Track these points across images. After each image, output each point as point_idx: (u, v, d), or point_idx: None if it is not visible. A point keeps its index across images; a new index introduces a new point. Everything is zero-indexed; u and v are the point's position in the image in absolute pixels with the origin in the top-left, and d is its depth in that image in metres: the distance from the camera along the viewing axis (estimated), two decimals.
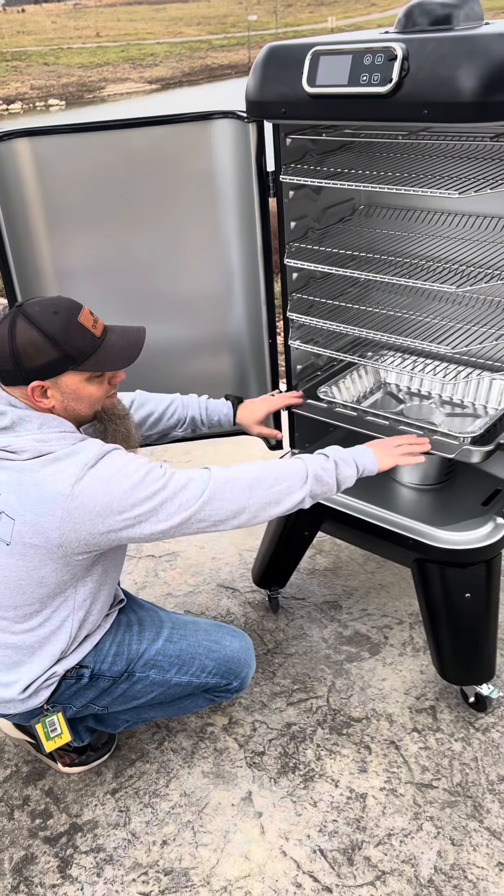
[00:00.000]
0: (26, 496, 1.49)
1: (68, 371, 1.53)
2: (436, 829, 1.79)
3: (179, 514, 1.54)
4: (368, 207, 2.29)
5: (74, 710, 1.75)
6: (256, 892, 1.68)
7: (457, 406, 2.17)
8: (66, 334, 1.50)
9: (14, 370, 1.51)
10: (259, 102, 1.72)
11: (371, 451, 1.76)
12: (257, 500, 1.60)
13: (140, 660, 1.75)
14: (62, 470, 1.49)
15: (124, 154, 2.00)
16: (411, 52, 1.46)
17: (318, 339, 2.21)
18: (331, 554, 2.75)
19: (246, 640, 1.86)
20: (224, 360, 2.31)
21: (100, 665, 1.72)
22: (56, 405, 1.57)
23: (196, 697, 1.85)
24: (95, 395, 1.60)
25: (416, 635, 2.36)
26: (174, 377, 2.29)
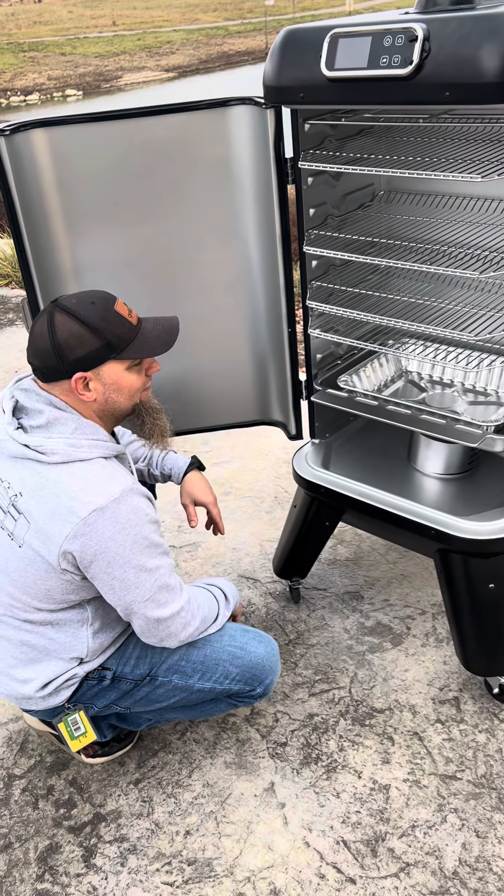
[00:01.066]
0: (44, 503, 1.49)
1: (109, 360, 1.54)
2: (460, 821, 1.78)
3: (150, 609, 1.57)
4: (388, 193, 2.26)
5: (96, 709, 1.75)
6: (280, 883, 1.68)
7: (480, 394, 2.14)
8: (106, 323, 1.52)
9: (57, 364, 1.51)
10: (277, 88, 1.69)
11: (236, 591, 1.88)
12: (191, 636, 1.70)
13: (163, 664, 1.74)
14: (86, 491, 1.48)
15: (141, 143, 1.98)
16: (432, 32, 1.42)
17: (338, 328, 2.19)
18: (352, 544, 2.73)
19: (272, 645, 1.83)
20: (243, 350, 2.30)
21: (122, 668, 1.72)
22: (98, 398, 1.57)
23: (218, 702, 1.84)
24: (135, 386, 1.61)
25: (438, 626, 2.34)
26: (192, 368, 2.27)
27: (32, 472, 1.51)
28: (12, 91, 28.26)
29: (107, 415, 1.62)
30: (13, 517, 1.53)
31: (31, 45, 35.53)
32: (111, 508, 1.48)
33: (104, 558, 1.49)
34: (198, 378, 2.31)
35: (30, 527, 1.51)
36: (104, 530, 1.47)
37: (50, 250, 2.05)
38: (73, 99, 24.37)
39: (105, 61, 30.84)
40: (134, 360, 1.59)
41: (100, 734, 1.92)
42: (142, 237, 2.08)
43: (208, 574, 2.64)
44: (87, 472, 1.50)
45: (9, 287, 5.94)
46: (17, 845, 1.81)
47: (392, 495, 2.02)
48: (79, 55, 32.44)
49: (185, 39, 36.37)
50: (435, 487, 2.07)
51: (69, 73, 28.37)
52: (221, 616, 1.77)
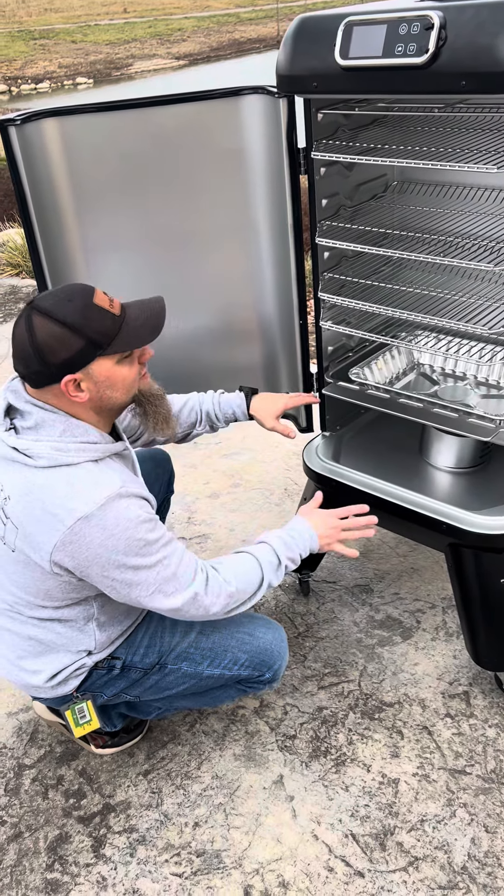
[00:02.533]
0: (31, 509, 1.45)
1: (97, 358, 1.47)
2: (469, 816, 1.78)
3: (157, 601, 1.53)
4: (402, 184, 2.24)
5: (105, 698, 1.76)
6: (288, 876, 1.68)
7: (493, 387, 2.12)
8: (86, 319, 1.44)
9: (42, 369, 1.44)
10: (290, 77, 1.67)
11: (314, 533, 1.74)
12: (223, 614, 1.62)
13: (172, 652, 1.74)
14: (72, 498, 1.43)
15: (152, 133, 1.96)
16: (448, 20, 1.40)
17: (350, 320, 2.17)
18: (362, 537, 2.72)
19: (279, 631, 1.83)
20: (253, 342, 2.29)
21: (131, 657, 1.72)
22: (91, 396, 1.50)
23: (228, 689, 1.84)
24: (129, 378, 1.54)
25: (449, 620, 2.33)
26: (203, 359, 2.27)
27: (20, 476, 1.47)
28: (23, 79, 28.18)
29: (104, 411, 1.56)
30: (3, 521, 1.51)
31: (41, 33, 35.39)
32: (97, 516, 1.43)
33: (97, 563, 1.46)
34: (208, 369, 2.30)
35: (18, 532, 1.48)
36: (92, 538, 1.44)
37: (61, 240, 2.04)
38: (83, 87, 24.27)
39: (116, 49, 30.70)
40: (123, 353, 1.51)
41: (110, 724, 1.92)
42: (153, 228, 2.07)
43: None
44: (73, 478, 1.45)
45: (19, 277, 5.94)
46: (27, 835, 1.82)
47: (403, 489, 2.01)
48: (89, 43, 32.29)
49: (196, 27, 36.12)
50: (446, 481, 2.06)
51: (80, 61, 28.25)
52: (264, 585, 1.65)
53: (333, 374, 2.19)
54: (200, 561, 1.61)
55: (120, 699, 1.79)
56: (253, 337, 2.28)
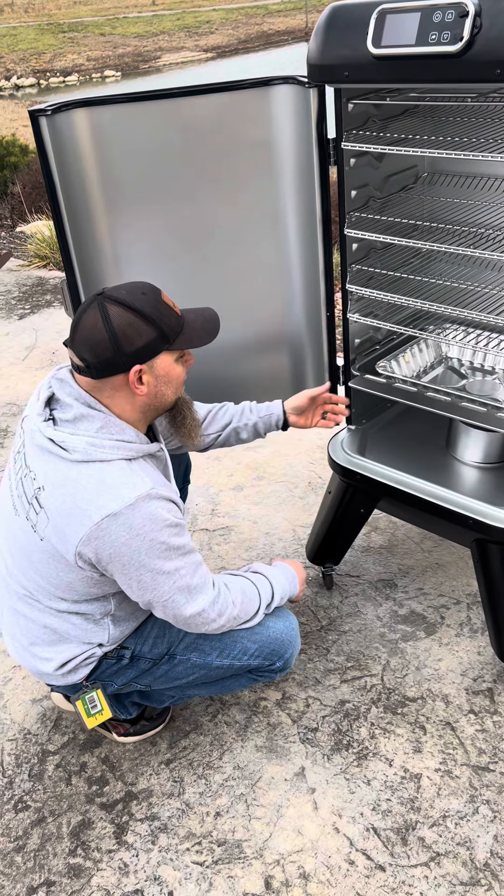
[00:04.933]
0: (62, 502, 1.48)
1: (162, 352, 1.52)
2: (492, 813, 1.76)
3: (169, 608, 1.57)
4: (432, 175, 2.21)
5: (115, 687, 1.77)
6: (309, 868, 1.68)
7: None
8: (159, 312, 1.50)
9: (114, 356, 1.47)
10: (321, 66, 1.66)
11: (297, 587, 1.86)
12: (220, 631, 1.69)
13: (181, 643, 1.75)
14: (102, 495, 1.46)
15: (182, 123, 1.96)
16: (484, 7, 1.38)
17: (378, 312, 2.15)
18: (386, 531, 2.71)
19: (290, 619, 1.83)
20: (280, 334, 2.28)
21: (140, 647, 1.73)
22: (149, 391, 1.54)
23: (239, 677, 1.85)
24: (181, 378, 1.60)
25: (473, 616, 2.31)
26: (229, 351, 2.26)
27: (55, 468, 1.50)
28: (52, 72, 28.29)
29: (151, 409, 1.59)
30: (35, 510, 1.53)
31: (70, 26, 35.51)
32: (125, 514, 1.45)
33: (119, 561, 1.49)
34: (235, 362, 2.29)
35: (49, 522, 1.51)
36: (117, 536, 1.46)
37: (90, 232, 2.04)
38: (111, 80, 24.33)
39: (144, 42, 30.72)
40: (181, 353, 1.57)
41: (125, 711, 1.94)
42: (181, 219, 2.07)
43: (241, 558, 2.64)
44: (104, 475, 1.47)
45: (47, 269, 5.98)
46: (50, 820, 1.84)
47: (429, 483, 1.99)
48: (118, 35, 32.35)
49: (224, 19, 36.02)
50: (473, 476, 2.04)
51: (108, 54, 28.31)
52: (259, 615, 1.74)
53: (360, 366, 2.18)
54: (214, 576, 1.66)
55: (131, 688, 1.81)
56: (280, 328, 2.27)
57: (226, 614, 1.65)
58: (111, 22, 36.76)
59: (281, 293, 2.21)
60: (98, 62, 26.84)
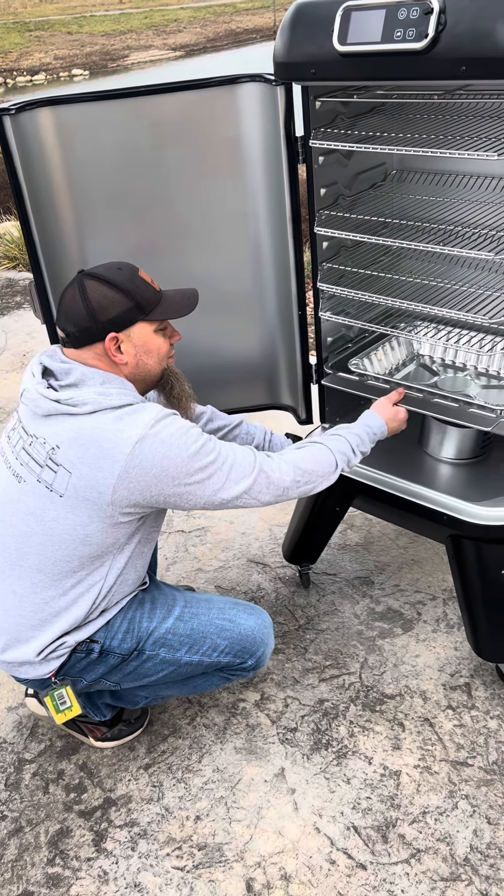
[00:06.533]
0: (85, 451, 1.53)
1: (139, 322, 1.61)
2: (471, 808, 1.77)
3: (229, 490, 1.61)
4: (401, 172, 2.22)
5: (85, 683, 1.76)
6: (290, 868, 1.68)
7: (493, 378, 2.10)
8: (134, 285, 1.60)
9: (91, 326, 1.57)
10: (287, 64, 1.65)
11: (383, 422, 1.87)
12: (295, 488, 1.70)
13: (150, 638, 1.74)
14: (123, 429, 1.52)
15: (149, 121, 1.94)
16: (448, 4, 1.38)
17: (349, 310, 2.15)
18: (362, 529, 2.71)
19: (263, 617, 1.83)
20: (252, 333, 2.27)
21: (110, 641, 1.72)
22: (130, 361, 1.63)
23: (211, 676, 1.85)
24: (163, 349, 1.68)
25: (449, 611, 2.32)
26: (201, 351, 2.25)
27: (66, 426, 1.55)
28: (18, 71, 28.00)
29: (138, 379, 1.67)
30: (52, 469, 1.57)
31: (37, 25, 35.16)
32: (151, 435, 1.52)
33: (167, 475, 1.53)
34: (207, 362, 2.28)
35: (71, 476, 1.54)
36: (154, 454, 1.52)
37: (57, 232, 2.02)
38: (79, 79, 24.14)
39: (112, 40, 30.51)
40: (160, 324, 1.66)
41: (98, 713, 1.93)
42: (149, 217, 2.05)
43: (217, 559, 2.63)
44: (119, 415, 1.55)
45: (16, 270, 5.91)
46: (27, 829, 1.81)
47: (403, 480, 1.99)
48: (85, 34, 32.09)
49: (192, 17, 35.89)
50: (447, 472, 2.05)
51: (75, 53, 28.07)
52: (339, 468, 1.76)
53: (333, 364, 2.18)
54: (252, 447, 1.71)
55: (101, 686, 1.79)
56: (252, 328, 2.26)
57: (288, 468, 1.67)
58: (78, 20, 36.44)
59: (252, 292, 2.20)
60: (66, 61, 26.60)
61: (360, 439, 1.81)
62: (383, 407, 1.90)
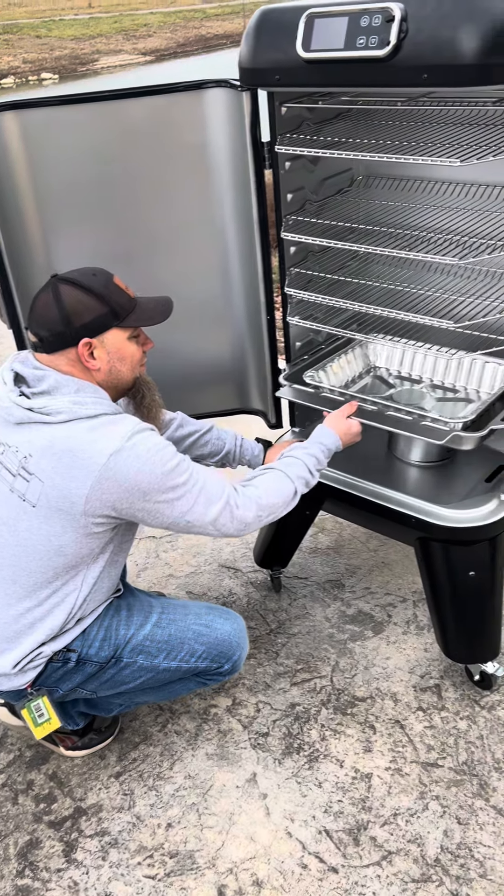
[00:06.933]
0: (58, 461, 1.51)
1: (112, 328, 1.59)
2: (442, 809, 1.78)
3: (196, 514, 1.60)
4: (367, 178, 2.23)
5: (61, 693, 1.74)
6: (262, 874, 1.68)
7: (449, 390, 2.12)
8: (109, 291, 1.59)
9: (64, 330, 1.55)
10: (252, 70, 1.66)
11: (337, 437, 1.87)
12: (257, 522, 1.70)
13: (128, 645, 1.73)
14: (98, 440, 1.51)
15: (115, 126, 1.94)
16: (410, 12, 1.40)
17: (317, 315, 2.16)
18: (333, 532, 2.72)
19: (238, 622, 1.84)
20: (222, 338, 2.27)
21: (87, 650, 1.70)
22: (102, 367, 1.61)
23: (187, 681, 1.84)
24: (136, 357, 1.67)
25: (419, 613, 2.34)
26: (170, 356, 2.24)
27: (39, 434, 1.54)
28: None
29: (111, 386, 1.65)
30: (25, 479, 1.56)
31: (5, 28, 34.90)
32: (126, 448, 1.51)
33: (139, 490, 1.52)
34: (176, 367, 2.27)
35: (44, 485, 1.53)
36: (129, 468, 1.50)
37: (23, 237, 2.00)
38: (49, 82, 23.99)
39: (81, 44, 30.37)
40: (134, 331, 1.64)
41: (71, 722, 1.91)
42: (117, 222, 2.04)
43: (188, 564, 2.63)
44: (93, 425, 1.53)
45: None
46: None
47: (372, 484, 2.01)
48: (54, 38, 31.91)
49: (162, 22, 35.87)
50: (415, 476, 2.06)
51: (44, 57, 27.88)
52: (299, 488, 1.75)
53: (288, 376, 2.15)
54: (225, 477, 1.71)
55: (77, 695, 1.77)
56: (221, 333, 2.26)
57: (254, 504, 1.67)
58: (47, 24, 36.23)
59: (221, 296, 2.20)
60: (34, 64, 26.41)
61: (317, 459, 1.80)
62: (336, 421, 1.89)
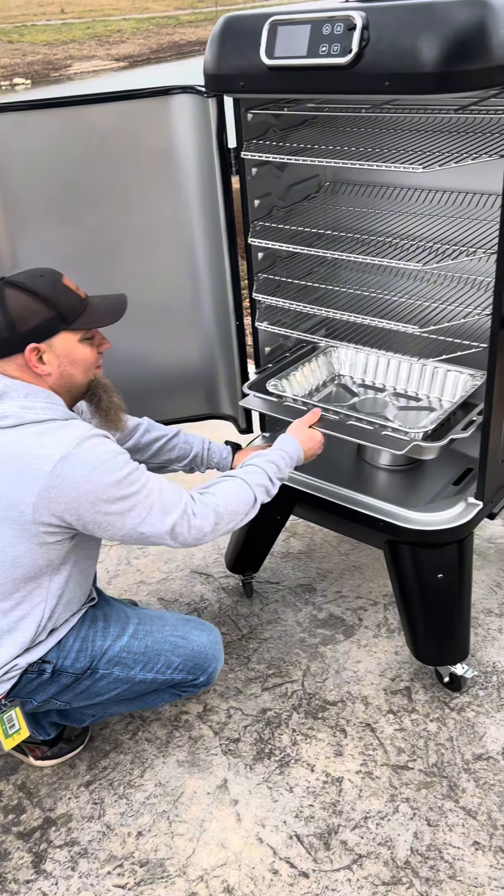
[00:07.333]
0: (4, 466, 1.48)
1: (61, 331, 1.55)
2: (412, 811, 1.79)
3: (151, 525, 1.56)
4: (334, 184, 2.25)
5: (35, 704, 1.72)
6: (233, 881, 1.67)
7: (412, 399, 2.13)
8: (56, 294, 1.54)
9: (10, 336, 1.52)
10: (217, 76, 1.67)
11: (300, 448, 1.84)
12: (215, 533, 1.66)
13: (104, 657, 1.71)
14: (46, 445, 1.47)
15: (82, 132, 1.93)
16: (371, 21, 1.41)
17: (286, 320, 2.17)
18: (304, 537, 2.73)
19: (214, 633, 1.83)
20: (191, 344, 2.27)
21: (62, 661, 1.68)
22: (53, 371, 1.57)
23: (161, 693, 1.83)
24: (89, 359, 1.62)
25: (390, 616, 2.35)
26: (139, 362, 2.24)
27: None
28: None
29: (64, 390, 1.61)
30: None
31: None
32: (75, 454, 1.47)
33: (88, 500, 1.48)
34: (145, 373, 2.27)
35: None
36: (76, 476, 1.46)
37: None
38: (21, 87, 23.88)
39: (54, 49, 30.27)
40: (86, 333, 1.60)
41: (42, 732, 1.89)
42: (84, 228, 2.04)
43: (160, 570, 2.62)
44: (42, 430, 1.49)
45: None
46: None
47: (341, 488, 2.01)
48: (27, 43, 31.77)
49: (135, 29, 35.87)
50: (384, 479, 2.08)
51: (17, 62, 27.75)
52: (258, 503, 1.72)
53: (252, 384, 2.14)
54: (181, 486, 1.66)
55: (51, 706, 1.75)
56: (190, 338, 2.26)
57: (212, 512, 1.63)
58: (19, 29, 36.06)
59: (190, 302, 2.20)
60: (7, 69, 26.27)
61: (278, 467, 1.77)
62: (299, 430, 1.87)
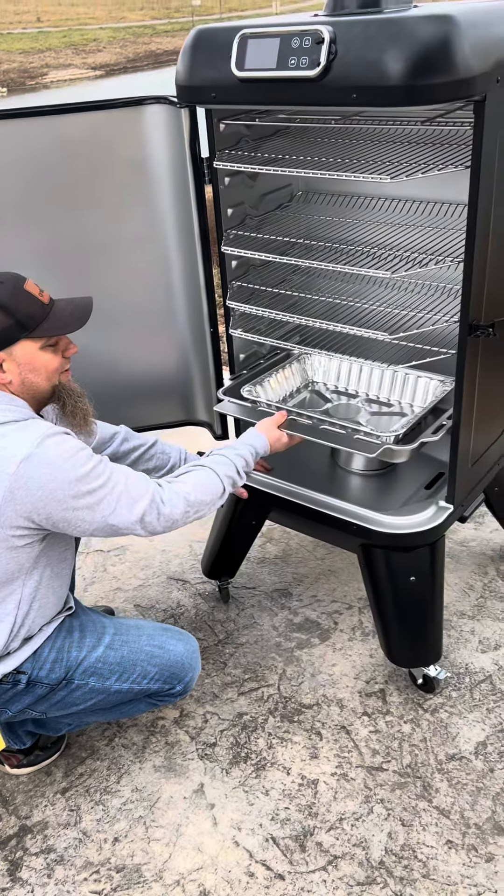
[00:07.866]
0: None
1: (21, 339, 1.54)
2: (386, 811, 1.81)
3: (120, 516, 1.56)
4: (306, 193, 2.28)
5: (10, 714, 1.71)
6: (209, 884, 1.68)
7: (384, 405, 2.16)
8: (15, 300, 1.52)
9: None
10: (189, 87, 1.69)
11: (265, 439, 1.89)
12: (184, 520, 1.67)
13: (79, 667, 1.71)
14: (7, 447, 1.47)
15: (55, 141, 1.95)
16: (339, 34, 1.44)
17: (260, 328, 2.20)
18: (280, 542, 2.75)
19: (191, 643, 1.83)
20: (166, 351, 2.28)
21: (37, 671, 1.68)
22: (14, 379, 1.56)
23: (138, 703, 1.82)
24: (51, 366, 1.61)
25: (365, 620, 2.37)
26: (115, 369, 2.25)
27: None
28: None
29: (27, 396, 1.61)
30: None
31: None
32: (37, 454, 1.47)
33: (55, 498, 1.48)
34: (120, 380, 2.28)
35: None
36: (41, 475, 1.46)
37: None
38: None
39: (30, 58, 30.20)
40: (48, 340, 1.58)
41: (18, 741, 1.88)
42: (59, 237, 2.05)
43: (136, 577, 2.62)
44: (3, 432, 1.49)
45: None
46: None
47: (315, 492, 2.03)
48: (3, 51, 31.69)
49: (111, 37, 35.92)
50: (357, 484, 2.10)
51: None
52: (226, 493, 1.75)
53: (227, 390, 2.16)
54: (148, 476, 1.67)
55: (26, 715, 1.75)
56: (165, 346, 2.28)
57: (181, 500, 1.64)
58: None
59: (165, 309, 2.22)
60: None
61: (246, 461, 1.81)
62: (268, 428, 1.92)
